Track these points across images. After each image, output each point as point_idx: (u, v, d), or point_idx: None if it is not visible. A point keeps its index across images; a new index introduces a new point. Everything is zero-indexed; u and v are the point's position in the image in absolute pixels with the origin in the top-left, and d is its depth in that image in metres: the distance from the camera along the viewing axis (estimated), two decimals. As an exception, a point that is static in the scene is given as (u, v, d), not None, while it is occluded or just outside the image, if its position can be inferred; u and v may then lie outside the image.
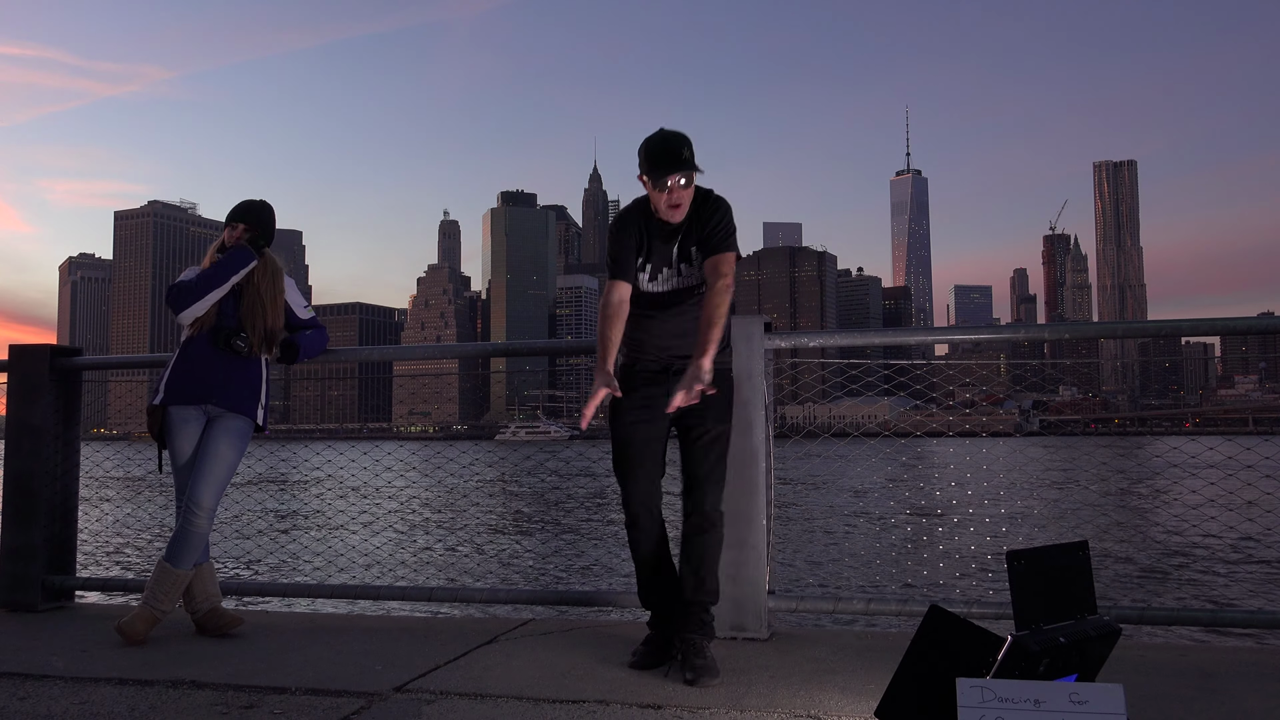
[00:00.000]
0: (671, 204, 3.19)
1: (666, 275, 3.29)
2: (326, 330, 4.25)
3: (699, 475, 3.26)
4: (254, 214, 4.01)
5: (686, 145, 3.18)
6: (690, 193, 3.21)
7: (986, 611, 3.58)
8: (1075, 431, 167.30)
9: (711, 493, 3.26)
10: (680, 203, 3.20)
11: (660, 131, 3.23)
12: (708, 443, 3.26)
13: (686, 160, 3.15)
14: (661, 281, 3.30)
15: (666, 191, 3.17)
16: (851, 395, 7.23)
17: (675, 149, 3.16)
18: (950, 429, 6.13)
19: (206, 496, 3.77)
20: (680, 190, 3.18)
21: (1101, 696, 2.05)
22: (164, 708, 2.87)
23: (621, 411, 3.32)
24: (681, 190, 3.18)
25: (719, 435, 3.29)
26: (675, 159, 3.14)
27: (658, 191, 3.19)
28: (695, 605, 3.24)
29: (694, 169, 3.17)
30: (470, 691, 2.98)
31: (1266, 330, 3.96)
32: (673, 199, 3.18)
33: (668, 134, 3.21)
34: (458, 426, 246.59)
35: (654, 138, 3.21)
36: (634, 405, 3.30)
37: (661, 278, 3.30)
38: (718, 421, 3.28)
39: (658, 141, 3.19)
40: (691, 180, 3.20)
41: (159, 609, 3.72)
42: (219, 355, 3.86)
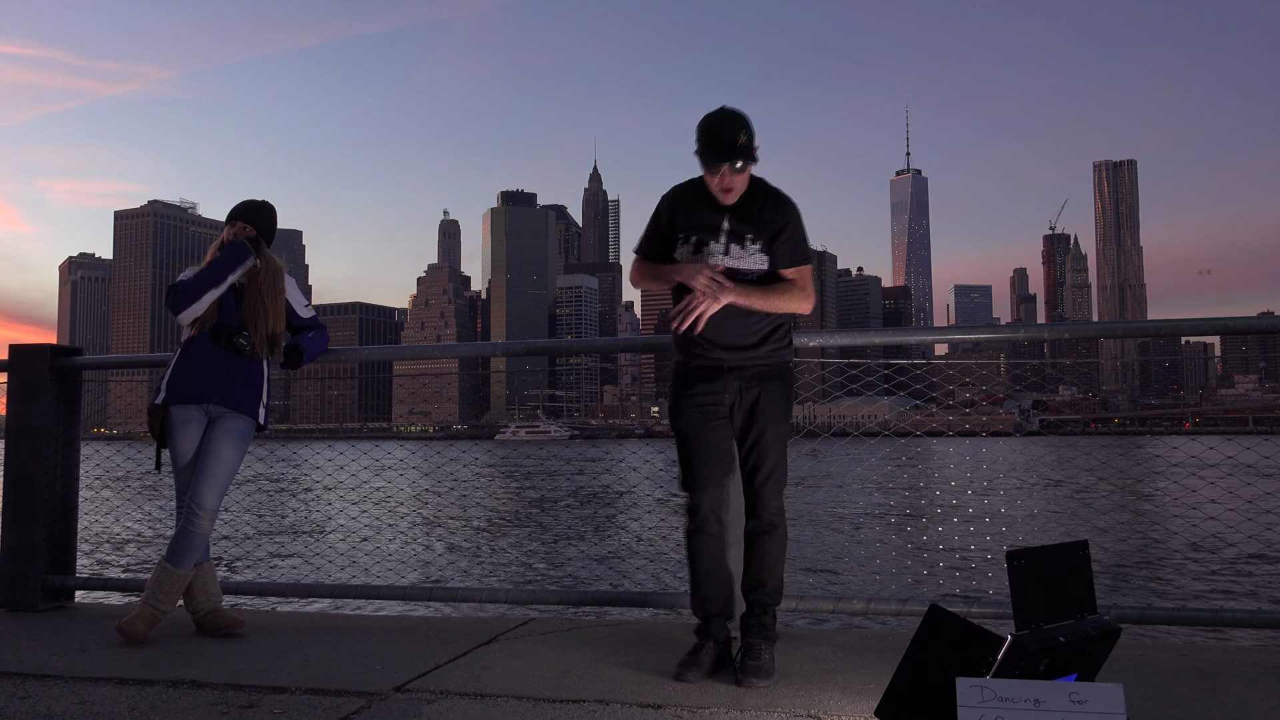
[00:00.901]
0: (723, 188, 3.13)
1: (714, 251, 3.18)
2: (327, 330, 4.25)
3: (760, 476, 3.18)
4: (255, 213, 4.01)
5: (744, 130, 3.08)
6: (745, 178, 3.15)
7: (986, 611, 3.58)
8: (1075, 431, 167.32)
9: (773, 494, 3.19)
10: (732, 187, 3.13)
11: (720, 110, 3.13)
12: (768, 442, 3.18)
13: (742, 148, 3.06)
14: (708, 257, 3.18)
15: (719, 176, 3.11)
16: (851, 395, 7.22)
17: (731, 135, 3.06)
18: (950, 429, 6.13)
19: (209, 497, 3.77)
20: (732, 175, 3.11)
21: (1101, 696, 2.05)
22: (164, 708, 2.87)
23: (680, 412, 3.26)
24: (734, 176, 3.11)
25: (779, 434, 3.21)
26: (730, 147, 3.06)
27: (710, 175, 3.13)
28: (757, 607, 3.19)
29: (750, 158, 3.09)
30: (470, 691, 2.98)
31: (1266, 330, 3.97)
32: (724, 183, 3.12)
33: (727, 114, 3.11)
34: (458, 426, 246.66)
35: (712, 116, 3.11)
36: (692, 405, 3.24)
37: (707, 253, 3.18)
38: (776, 420, 3.20)
39: (715, 122, 3.10)
40: (747, 168, 3.12)
41: (159, 609, 3.72)
42: (221, 354, 3.85)
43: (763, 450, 3.19)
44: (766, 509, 3.19)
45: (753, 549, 3.21)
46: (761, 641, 3.14)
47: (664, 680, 3.09)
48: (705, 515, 3.22)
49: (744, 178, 3.15)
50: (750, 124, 3.11)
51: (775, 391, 3.23)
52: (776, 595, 3.24)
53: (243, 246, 3.92)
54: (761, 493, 3.18)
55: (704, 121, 3.13)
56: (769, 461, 3.19)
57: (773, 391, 3.22)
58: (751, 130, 3.11)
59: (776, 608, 3.25)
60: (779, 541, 3.21)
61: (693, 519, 3.24)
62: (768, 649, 3.13)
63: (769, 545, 3.19)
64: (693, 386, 3.25)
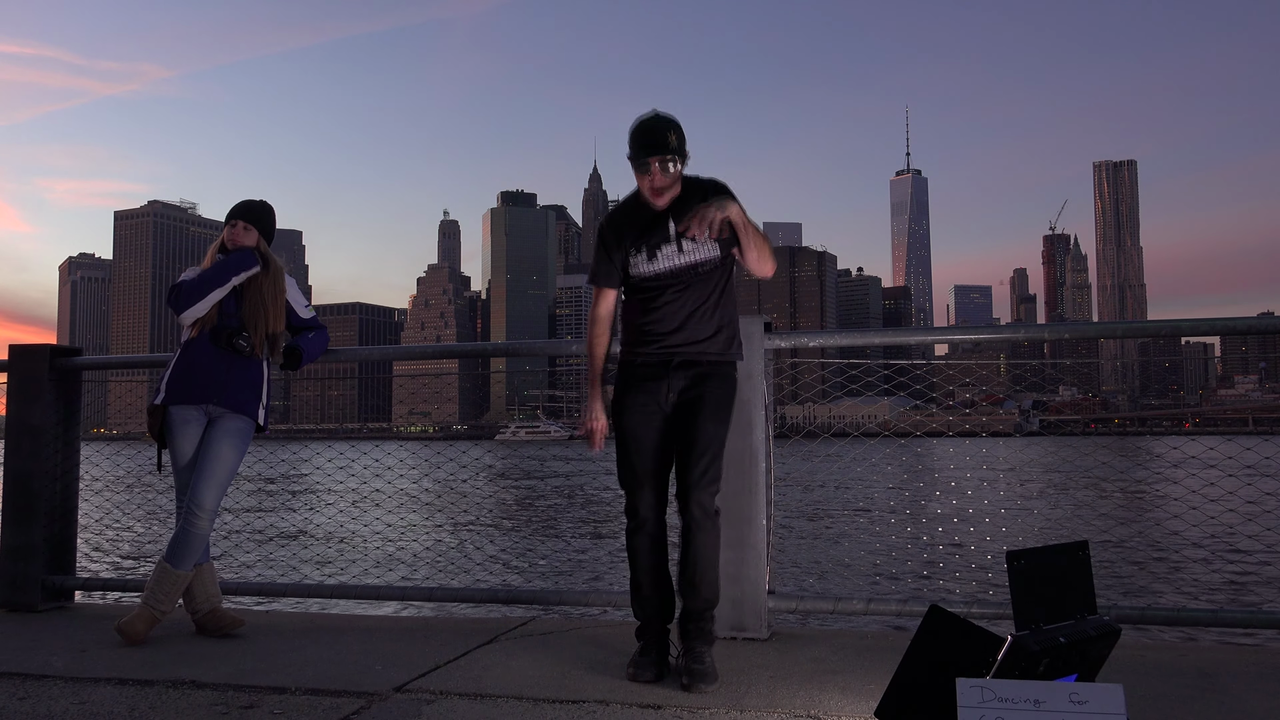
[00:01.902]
0: (654, 189, 3.13)
1: (668, 252, 3.17)
2: (327, 330, 4.25)
3: (690, 475, 3.12)
4: (255, 213, 4.01)
5: (673, 130, 3.09)
6: (674, 179, 3.13)
7: (986, 611, 3.58)
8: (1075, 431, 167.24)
9: (704, 492, 3.11)
10: (662, 188, 3.12)
11: (650, 113, 3.14)
12: (703, 442, 3.13)
13: (671, 146, 3.06)
14: (662, 259, 3.18)
15: (649, 176, 3.11)
16: (851, 395, 7.22)
17: (660, 132, 3.07)
18: (950, 429, 6.13)
19: (208, 497, 3.76)
20: (661, 176, 3.10)
21: (1101, 696, 2.05)
22: (164, 708, 2.87)
23: (624, 411, 3.24)
24: (663, 176, 3.10)
25: (715, 433, 3.16)
26: (658, 143, 3.07)
27: (640, 174, 3.13)
28: (692, 612, 3.14)
29: (678, 155, 3.09)
30: (470, 691, 2.98)
31: (1266, 330, 3.96)
32: (655, 183, 3.11)
33: (657, 117, 3.12)
34: (458, 426, 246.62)
35: (642, 119, 3.13)
36: (635, 405, 3.22)
37: (661, 255, 3.18)
38: (713, 420, 3.16)
39: (643, 124, 3.11)
40: (676, 167, 3.11)
41: (159, 609, 3.72)
42: (221, 355, 3.85)
43: (698, 449, 3.12)
44: (698, 509, 3.11)
45: (685, 551, 3.14)
46: (701, 644, 3.09)
47: (664, 680, 3.09)
48: (644, 515, 3.20)
49: (674, 177, 3.13)
50: (680, 126, 3.12)
51: (716, 390, 3.19)
52: (713, 598, 3.16)
53: (250, 252, 3.93)
54: (691, 493, 3.11)
55: (633, 125, 3.15)
56: (704, 460, 3.12)
57: (714, 390, 3.19)
58: (681, 132, 3.12)
59: (710, 614, 3.17)
60: (711, 544, 3.13)
61: (632, 519, 3.22)
62: (708, 651, 3.09)
63: (701, 547, 3.11)
64: (637, 385, 3.24)
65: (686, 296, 3.19)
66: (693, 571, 3.13)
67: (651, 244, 3.19)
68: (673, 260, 3.18)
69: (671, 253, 3.18)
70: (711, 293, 3.21)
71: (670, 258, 3.18)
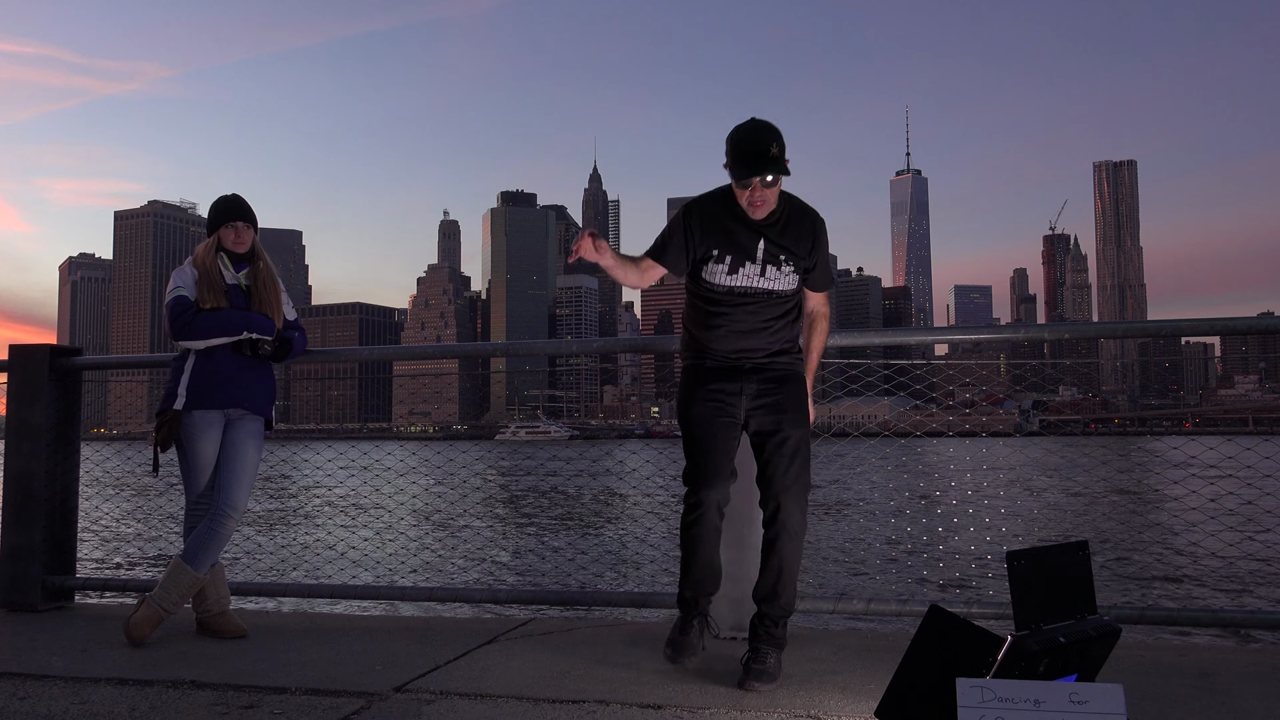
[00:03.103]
0: (754, 203, 3.06)
1: (749, 271, 3.12)
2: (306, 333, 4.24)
3: (782, 483, 3.08)
4: (249, 212, 3.99)
5: (776, 141, 2.99)
6: (775, 192, 3.07)
7: (986, 611, 3.58)
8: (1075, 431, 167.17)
9: (795, 502, 3.08)
10: (764, 202, 3.06)
11: (750, 122, 3.04)
12: (791, 448, 3.10)
13: (774, 160, 2.97)
14: (742, 277, 3.12)
15: (749, 190, 3.04)
16: (851, 395, 7.22)
17: (763, 146, 2.97)
18: (950, 429, 6.13)
19: (240, 498, 3.80)
20: (763, 190, 3.04)
21: (1101, 696, 2.05)
22: (164, 708, 2.87)
23: (693, 404, 3.20)
24: (765, 190, 3.04)
25: (801, 440, 3.12)
26: (762, 158, 2.97)
27: (740, 189, 3.06)
28: (767, 618, 3.12)
29: (782, 170, 2.99)
30: (470, 691, 2.98)
31: (1266, 330, 3.97)
32: (755, 198, 3.05)
33: (758, 125, 3.02)
34: (458, 426, 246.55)
35: (743, 128, 3.03)
36: (706, 399, 3.17)
37: (743, 273, 3.12)
38: (796, 426, 3.12)
39: (746, 134, 3.01)
40: (778, 181, 3.05)
41: (167, 609, 3.71)
42: (242, 359, 3.88)
43: (787, 454, 3.09)
44: (791, 517, 3.07)
45: (770, 558, 3.11)
46: (769, 648, 3.09)
47: (664, 680, 3.09)
48: (709, 507, 3.15)
49: (775, 192, 3.07)
50: (781, 136, 3.03)
51: (794, 393, 3.17)
52: (790, 607, 3.15)
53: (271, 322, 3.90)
54: (783, 500, 3.07)
55: (735, 133, 3.04)
56: (793, 467, 3.09)
57: (792, 393, 3.17)
58: (783, 142, 3.01)
59: (784, 619, 3.16)
60: (797, 552, 3.11)
61: (695, 510, 3.17)
62: (774, 655, 3.08)
63: (789, 555, 3.09)
64: (707, 382, 3.19)
65: (757, 312, 3.16)
66: (776, 579, 3.11)
67: (736, 257, 3.12)
68: (752, 280, 3.14)
69: (753, 273, 3.13)
70: (784, 314, 3.20)
71: (750, 278, 3.14)
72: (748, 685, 2.97)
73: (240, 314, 3.86)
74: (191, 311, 3.80)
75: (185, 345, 3.85)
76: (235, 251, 3.94)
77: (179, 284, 3.87)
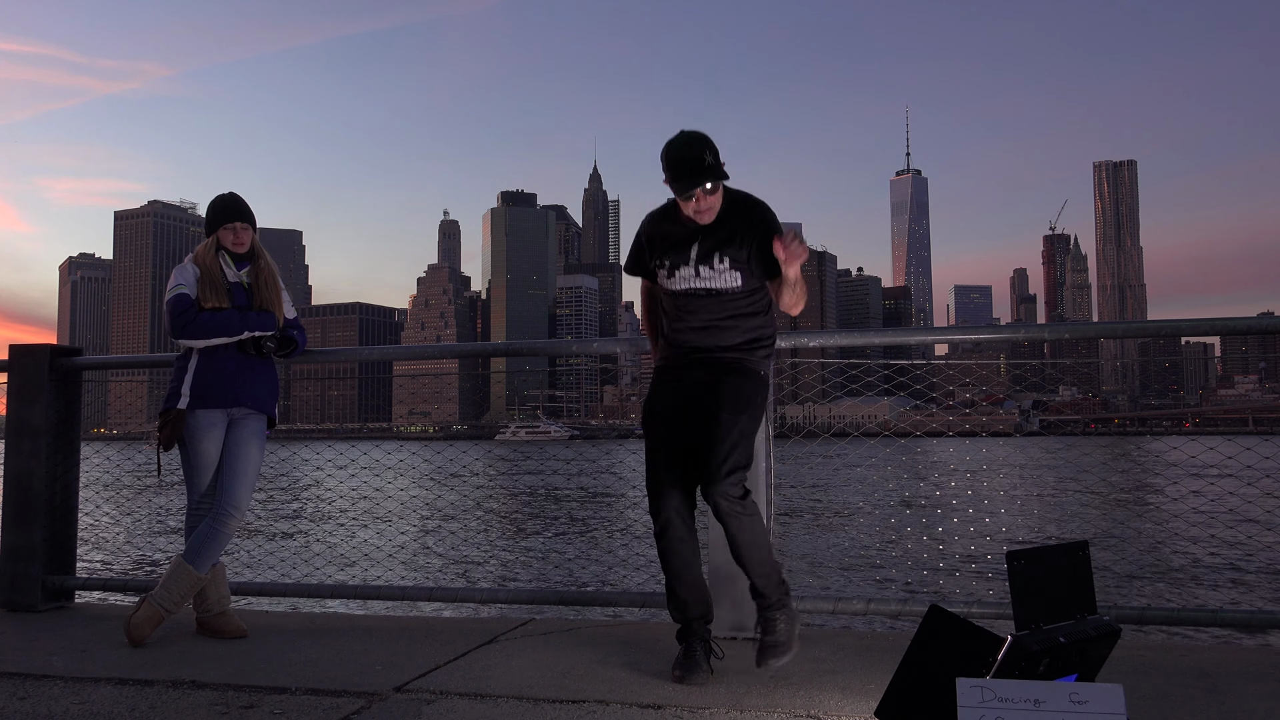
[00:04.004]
0: (699, 212, 3.11)
1: (684, 275, 3.20)
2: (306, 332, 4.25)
3: (710, 465, 3.07)
4: (249, 212, 3.99)
5: (709, 150, 3.05)
6: (717, 198, 3.12)
7: (986, 611, 3.58)
8: (1075, 431, 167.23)
9: (722, 483, 3.04)
10: (706, 209, 3.11)
11: (680, 136, 3.10)
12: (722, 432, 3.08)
13: (710, 168, 3.03)
14: (679, 280, 3.21)
15: (693, 200, 3.09)
16: (851, 395, 7.23)
17: (696, 156, 3.03)
18: (950, 429, 6.13)
19: (244, 498, 3.81)
20: (706, 198, 3.09)
21: (1101, 696, 2.05)
22: (164, 708, 2.87)
23: (648, 414, 3.27)
24: (707, 197, 3.09)
25: (730, 423, 3.10)
26: (697, 168, 3.03)
27: (684, 201, 3.11)
28: (754, 589, 3.16)
29: (719, 176, 3.05)
30: (470, 691, 2.98)
31: (1266, 330, 3.97)
32: (699, 206, 3.10)
33: (688, 138, 3.08)
34: (458, 426, 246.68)
35: (674, 143, 3.09)
36: (658, 406, 3.26)
37: (679, 276, 3.21)
38: (729, 411, 3.10)
39: (677, 148, 3.07)
40: (718, 187, 3.09)
41: (167, 609, 3.70)
42: (246, 358, 3.89)
43: (717, 438, 3.07)
44: (721, 497, 3.04)
45: (727, 538, 3.13)
46: (775, 612, 3.12)
47: (664, 680, 3.09)
48: (669, 517, 3.17)
49: (718, 197, 3.13)
50: (712, 142, 3.09)
51: (737, 383, 3.16)
52: (766, 573, 3.13)
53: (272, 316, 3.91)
54: (710, 484, 3.05)
55: (666, 149, 3.10)
56: (723, 449, 3.05)
57: (735, 383, 3.16)
58: (715, 147, 3.08)
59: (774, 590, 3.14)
60: (747, 527, 3.08)
61: (656, 522, 3.20)
62: (784, 619, 3.11)
63: (738, 532, 3.07)
64: (659, 388, 3.29)
65: (707, 311, 3.21)
66: (738, 555, 3.14)
67: (673, 262, 3.22)
68: (689, 283, 3.21)
69: (688, 275, 3.20)
70: (736, 313, 3.21)
71: (688, 280, 3.21)
72: (762, 665, 3.08)
73: (240, 314, 3.86)
74: (193, 310, 3.80)
75: (186, 344, 3.85)
76: (235, 252, 3.94)
77: (180, 281, 3.86)
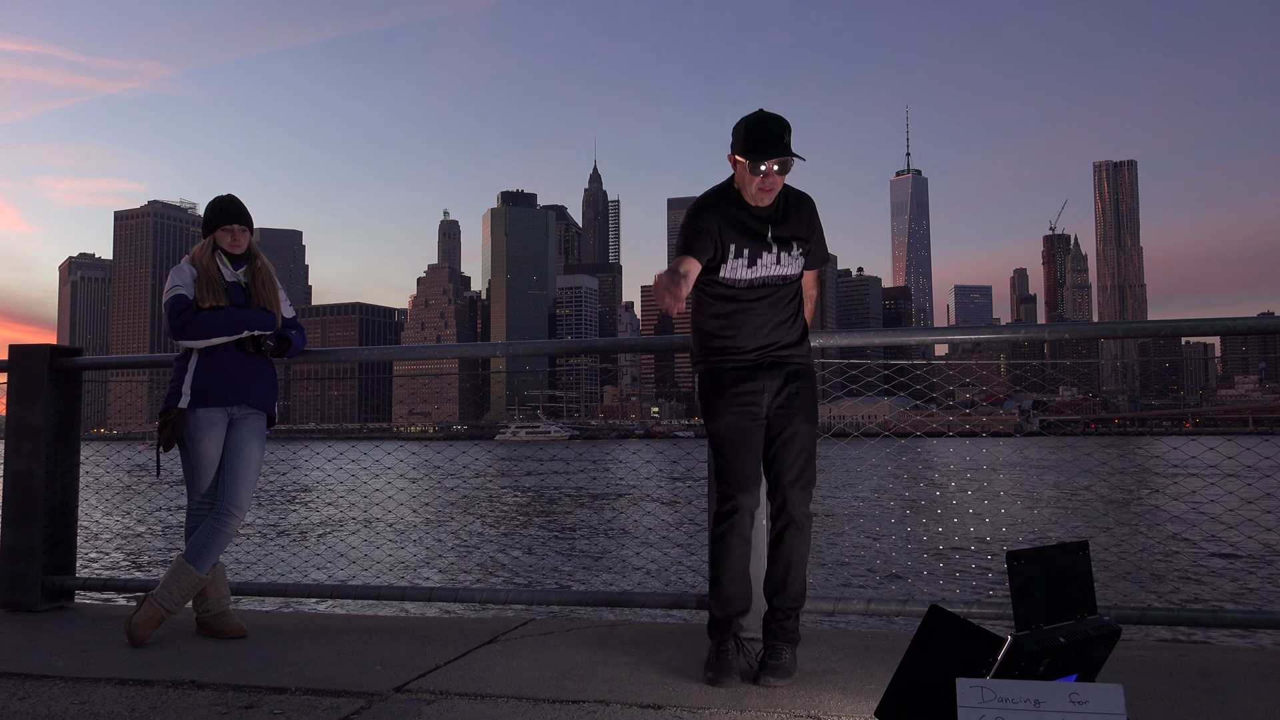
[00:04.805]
0: (764, 188, 3.12)
1: (767, 261, 3.18)
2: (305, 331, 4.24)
3: (789, 476, 3.14)
4: (247, 214, 4.00)
5: (788, 130, 3.09)
6: (781, 181, 3.15)
7: (986, 611, 3.58)
8: (1075, 431, 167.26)
9: (802, 494, 3.14)
10: (773, 187, 3.13)
11: (760, 112, 3.12)
12: (800, 443, 3.15)
13: (787, 145, 3.07)
14: (761, 267, 3.18)
15: (761, 175, 3.09)
16: (851, 395, 7.22)
17: (777, 132, 3.06)
18: (950, 429, 6.13)
19: (245, 497, 3.82)
20: (775, 175, 3.11)
21: (1101, 696, 2.05)
22: (164, 708, 2.87)
23: (719, 413, 3.21)
24: (776, 175, 3.11)
25: (811, 434, 3.19)
26: (777, 143, 3.05)
27: (752, 175, 3.10)
28: (779, 611, 3.16)
29: (794, 155, 3.09)
30: (470, 691, 2.98)
31: (1266, 330, 3.96)
32: (767, 183, 3.11)
33: (769, 115, 3.11)
34: (458, 426, 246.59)
35: (755, 117, 3.11)
36: (732, 405, 3.19)
37: (761, 263, 3.18)
38: (805, 421, 3.18)
39: (759, 121, 3.09)
40: (789, 167, 3.13)
41: (168, 609, 3.70)
42: (245, 357, 3.89)
43: (796, 449, 3.16)
44: (797, 510, 3.14)
45: (778, 551, 3.17)
46: (783, 644, 3.13)
47: (664, 680, 3.09)
48: (743, 515, 3.16)
49: (782, 180, 3.15)
50: (791, 127, 3.12)
51: (808, 390, 3.23)
52: (800, 599, 3.20)
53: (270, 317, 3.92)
54: (790, 493, 3.14)
55: (747, 120, 3.11)
56: (801, 460, 3.15)
57: (806, 390, 3.22)
58: (791, 132, 3.12)
59: (800, 611, 3.22)
60: (805, 544, 3.18)
61: (728, 519, 3.17)
62: (789, 650, 3.12)
63: (796, 548, 3.16)
64: (732, 385, 3.20)
65: (774, 304, 3.21)
66: (784, 572, 3.16)
67: (753, 250, 3.17)
68: (769, 270, 3.19)
69: (770, 262, 3.19)
70: (792, 301, 3.27)
71: (769, 266, 3.19)
72: (763, 680, 3.02)
73: (239, 312, 3.87)
74: (191, 311, 3.81)
75: (185, 344, 3.86)
76: (232, 253, 3.95)
77: (177, 282, 3.86)
